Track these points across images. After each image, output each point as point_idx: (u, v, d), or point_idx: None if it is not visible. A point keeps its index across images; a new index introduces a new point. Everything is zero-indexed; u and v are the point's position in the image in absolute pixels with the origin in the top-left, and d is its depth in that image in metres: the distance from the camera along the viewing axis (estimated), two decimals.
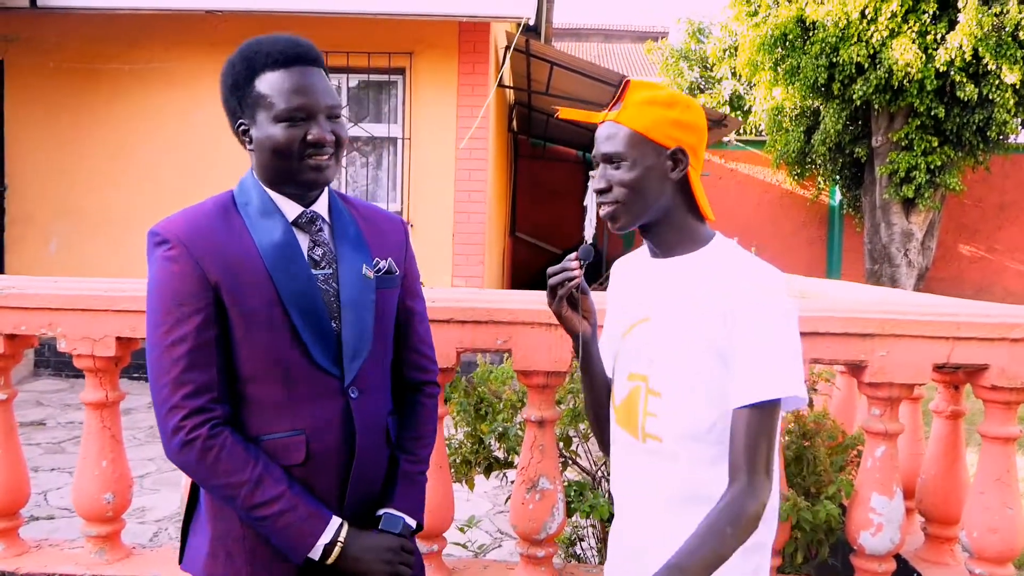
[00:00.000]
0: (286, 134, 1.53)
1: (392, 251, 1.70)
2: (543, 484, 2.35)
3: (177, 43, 8.06)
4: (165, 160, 8.11)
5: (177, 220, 1.55)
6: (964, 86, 10.86)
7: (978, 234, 14.95)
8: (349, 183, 8.32)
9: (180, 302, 1.50)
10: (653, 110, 1.53)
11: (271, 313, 1.52)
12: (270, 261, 1.53)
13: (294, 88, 1.52)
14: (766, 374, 1.44)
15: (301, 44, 1.57)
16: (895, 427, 2.32)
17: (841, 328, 2.21)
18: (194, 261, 1.50)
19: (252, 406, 1.55)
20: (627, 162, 1.53)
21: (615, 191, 1.55)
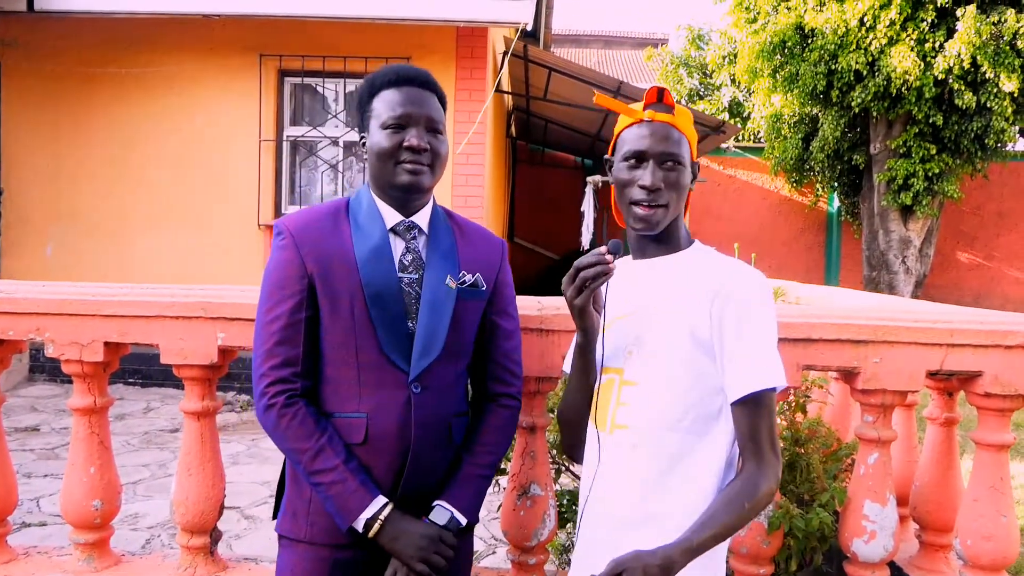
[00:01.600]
0: (387, 139, 1.75)
1: (483, 268, 1.86)
2: (534, 491, 2.33)
3: (176, 47, 8.08)
4: (164, 164, 8.12)
5: (294, 216, 1.79)
6: (962, 94, 10.87)
7: (976, 241, 14.95)
8: (346, 187, 8.34)
9: (281, 286, 1.73)
10: (690, 124, 1.66)
11: (353, 304, 1.71)
12: (361, 259, 1.73)
13: (399, 101, 1.75)
14: (760, 366, 1.52)
15: (414, 70, 1.80)
16: (888, 434, 2.30)
17: (834, 335, 2.20)
18: (297, 251, 1.72)
19: (329, 385, 1.74)
20: (682, 166, 1.62)
21: (666, 193, 1.61)
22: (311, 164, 8.37)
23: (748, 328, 1.53)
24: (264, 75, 8.05)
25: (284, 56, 8.00)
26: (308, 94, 8.37)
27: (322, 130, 8.21)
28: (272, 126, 8.16)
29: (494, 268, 1.88)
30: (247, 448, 5.91)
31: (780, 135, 13.84)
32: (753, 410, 1.54)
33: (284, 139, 8.23)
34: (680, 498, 1.54)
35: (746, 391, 1.52)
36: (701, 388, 1.57)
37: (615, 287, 1.70)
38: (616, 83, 9.50)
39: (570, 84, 9.84)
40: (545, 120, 12.69)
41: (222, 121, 8.12)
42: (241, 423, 6.79)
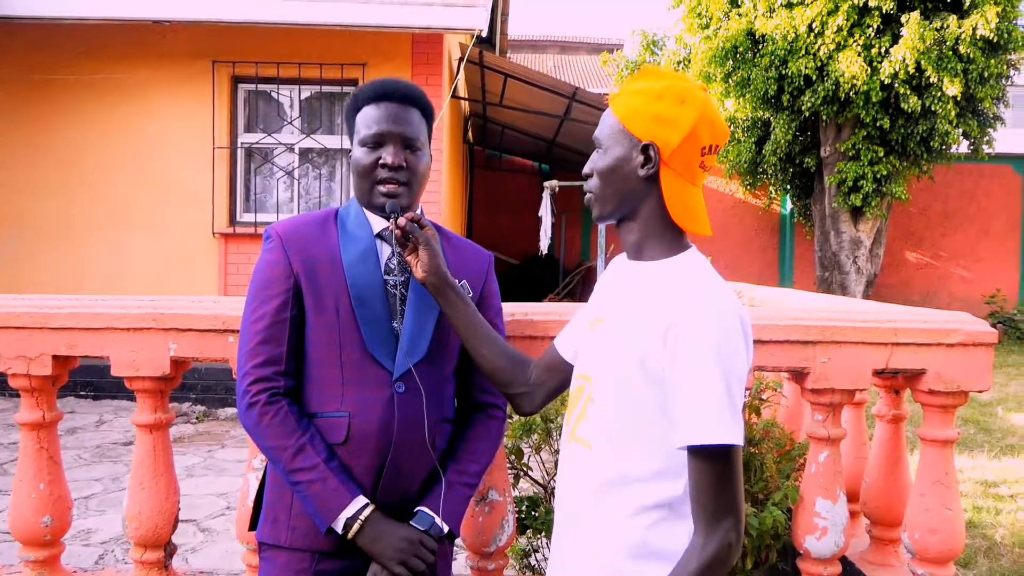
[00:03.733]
0: (364, 156, 1.79)
1: (470, 276, 1.89)
2: (492, 496, 2.34)
3: (126, 54, 7.95)
4: (115, 173, 7.99)
5: (284, 221, 1.83)
6: (908, 98, 11.13)
7: (924, 241, 15.33)
8: (302, 195, 8.28)
9: (267, 286, 1.76)
10: (637, 99, 1.50)
11: (338, 303, 1.74)
12: (348, 261, 1.77)
13: (375, 118, 1.78)
14: (707, 417, 1.36)
15: (396, 85, 1.82)
16: (838, 432, 2.34)
17: (784, 336, 2.23)
18: (284, 253, 1.76)
19: (313, 385, 1.76)
20: (602, 149, 1.53)
21: (593, 178, 1.55)
22: (266, 171, 8.29)
23: (695, 371, 1.38)
24: (217, 81, 7.96)
25: (237, 62, 7.92)
26: (263, 100, 8.30)
27: (277, 137, 8.15)
28: (226, 133, 8.07)
29: (481, 278, 1.92)
30: (203, 460, 5.82)
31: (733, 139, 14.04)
32: (699, 465, 1.38)
33: (238, 146, 8.16)
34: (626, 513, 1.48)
35: (686, 442, 1.38)
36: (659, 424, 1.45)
37: (605, 286, 1.66)
38: (572, 88, 9.56)
39: (526, 90, 9.88)
40: (502, 126, 12.72)
41: (174, 128, 8.01)
42: (197, 435, 6.69)
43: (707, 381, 1.36)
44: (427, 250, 1.74)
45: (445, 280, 1.76)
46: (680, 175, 1.49)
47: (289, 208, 8.29)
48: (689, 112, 1.47)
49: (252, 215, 8.15)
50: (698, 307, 1.40)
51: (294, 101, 8.21)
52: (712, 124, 1.48)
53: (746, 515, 2.38)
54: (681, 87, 1.49)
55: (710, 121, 1.48)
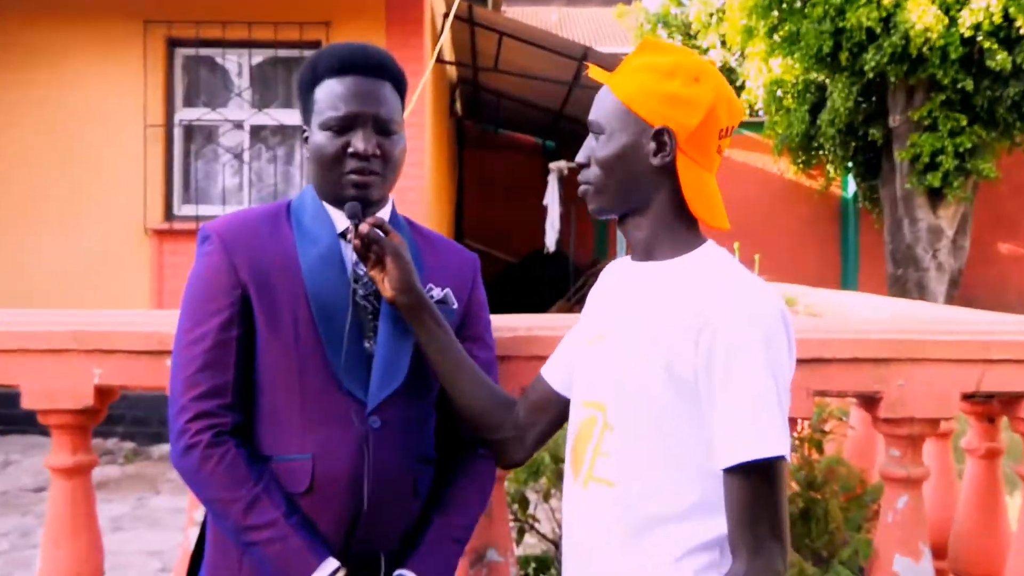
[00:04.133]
0: (328, 143, 1.79)
1: (453, 283, 1.91)
2: (491, 556, 2.32)
3: (39, 13, 7.98)
4: (25, 156, 8.00)
5: (223, 218, 1.84)
6: (994, 54, 11.11)
7: (1019, 229, 15.29)
8: (254, 182, 8.31)
9: (207, 299, 1.75)
10: (645, 77, 1.58)
11: (297, 318, 1.75)
12: (307, 266, 1.78)
13: (341, 95, 1.79)
14: (750, 428, 1.44)
15: (364, 52, 1.83)
16: (919, 471, 2.32)
17: (850, 353, 2.21)
18: (227, 256, 1.75)
19: (267, 420, 1.76)
20: (605, 135, 1.59)
21: (591, 167, 1.62)
22: (210, 154, 8.31)
23: (738, 376, 1.45)
24: (149, 46, 7.98)
25: (174, 23, 7.94)
26: (205, 68, 8.31)
27: (223, 112, 8.17)
28: (160, 108, 8.09)
29: (465, 285, 1.95)
30: (132, 509, 5.81)
31: (782, 107, 14.03)
32: (742, 483, 1.45)
33: (176, 124, 8.19)
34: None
35: (731, 460, 1.45)
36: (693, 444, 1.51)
37: (605, 295, 1.71)
38: (581, 49, 9.59)
39: (525, 51, 9.90)
40: (498, 94, 12.75)
41: (97, 103, 8.03)
42: (125, 478, 6.68)
43: (753, 386, 1.44)
44: (396, 263, 1.76)
45: (419, 300, 1.78)
46: (697, 162, 1.57)
47: (238, 199, 8.31)
48: (705, 91, 1.56)
49: (193, 207, 8.16)
50: (734, 304, 1.48)
51: (243, 68, 8.20)
52: (729, 103, 1.58)
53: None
54: (693, 63, 1.58)
55: (727, 100, 1.58)
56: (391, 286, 1.75)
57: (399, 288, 1.75)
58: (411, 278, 1.76)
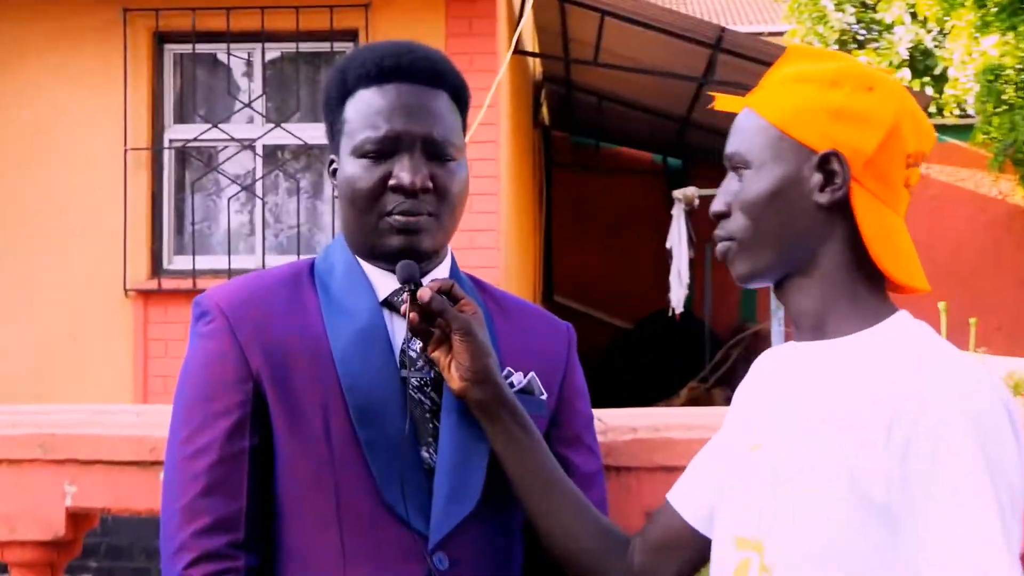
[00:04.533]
0: (362, 175, 1.82)
1: (539, 366, 1.94)
2: None
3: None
4: None
5: (226, 287, 1.88)
6: None
7: None
8: (270, 223, 8.44)
9: (208, 396, 1.78)
10: (801, 90, 1.59)
11: (329, 422, 1.77)
12: (341, 349, 1.80)
13: (381, 110, 1.83)
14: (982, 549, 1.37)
15: (410, 53, 1.87)
16: None
17: None
18: (234, 339, 1.79)
19: (291, 560, 1.78)
20: (751, 170, 1.61)
21: (733, 216, 1.63)
22: (210, 186, 8.47)
23: (952, 484, 1.40)
24: (132, 41, 8.16)
25: (163, 10, 8.09)
26: (204, 69, 8.50)
27: (227, 129, 8.29)
28: (145, 125, 8.27)
29: (557, 367, 1.98)
30: None
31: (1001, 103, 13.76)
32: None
33: (165, 146, 8.35)
34: None
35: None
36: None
37: (758, 388, 1.72)
38: (715, 30, 9.59)
39: (636, 35, 9.92)
40: (598, 95, 12.83)
41: (61, 120, 8.21)
42: None
43: (967, 497, 1.39)
44: (467, 342, 1.77)
45: (496, 392, 1.79)
46: (878, 196, 1.57)
47: (248, 245, 8.44)
48: (884, 102, 1.57)
49: (187, 259, 8.26)
50: (937, 392, 1.43)
51: (254, 69, 8.36)
52: (916, 120, 1.58)
53: None
54: (862, 70, 1.61)
55: (912, 115, 1.58)
56: (461, 374, 1.76)
57: (473, 377, 1.76)
58: (486, 362, 1.78)
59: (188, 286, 8.05)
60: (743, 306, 15.14)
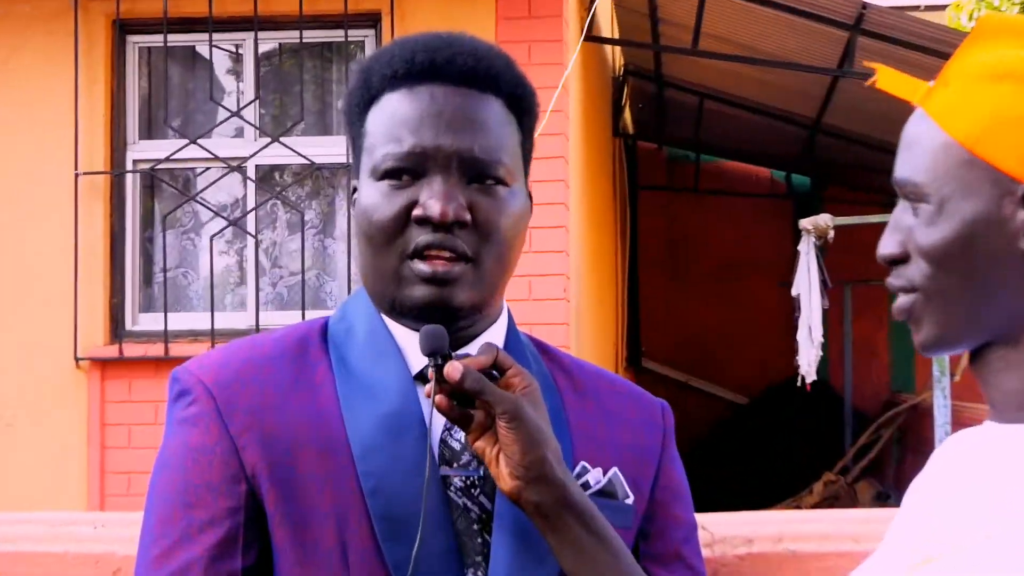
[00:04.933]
0: (381, 203, 1.84)
1: (626, 459, 1.95)
2: None
3: None
4: None
5: (212, 357, 1.91)
6: None
7: None
8: (264, 268, 8.57)
9: (190, 502, 1.79)
10: (1000, 92, 1.50)
11: (345, 534, 1.78)
12: (362, 440, 1.81)
13: (405, 119, 1.85)
14: None
15: (448, 47, 1.90)
16: None
17: None
18: (223, 427, 1.80)
19: None
20: (931, 204, 1.55)
21: (912, 263, 1.59)
22: (187, 220, 8.66)
23: None
24: (84, 33, 8.38)
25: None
26: (179, 67, 8.75)
27: (209, 145, 8.44)
28: (102, 141, 8.48)
29: (648, 461, 2.00)
30: None
31: None
32: None
33: (129, 168, 8.54)
34: None
35: None
36: None
37: (935, 485, 1.67)
38: (855, 5, 9.64)
39: (749, 14, 10.08)
40: (698, 94, 12.95)
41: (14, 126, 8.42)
42: None
43: None
44: (516, 429, 1.73)
45: (561, 495, 1.76)
46: None
47: (237, 297, 8.61)
48: None
49: (158, 316, 8.40)
50: None
51: (245, 66, 8.57)
52: None
53: None
54: None
55: None
56: (512, 470, 1.73)
57: (526, 474, 1.73)
58: (544, 454, 1.74)
59: (158, 353, 8.22)
60: (895, 372, 15.02)
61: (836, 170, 15.04)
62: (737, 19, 10.24)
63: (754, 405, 14.37)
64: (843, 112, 11.98)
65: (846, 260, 12.12)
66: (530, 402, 1.75)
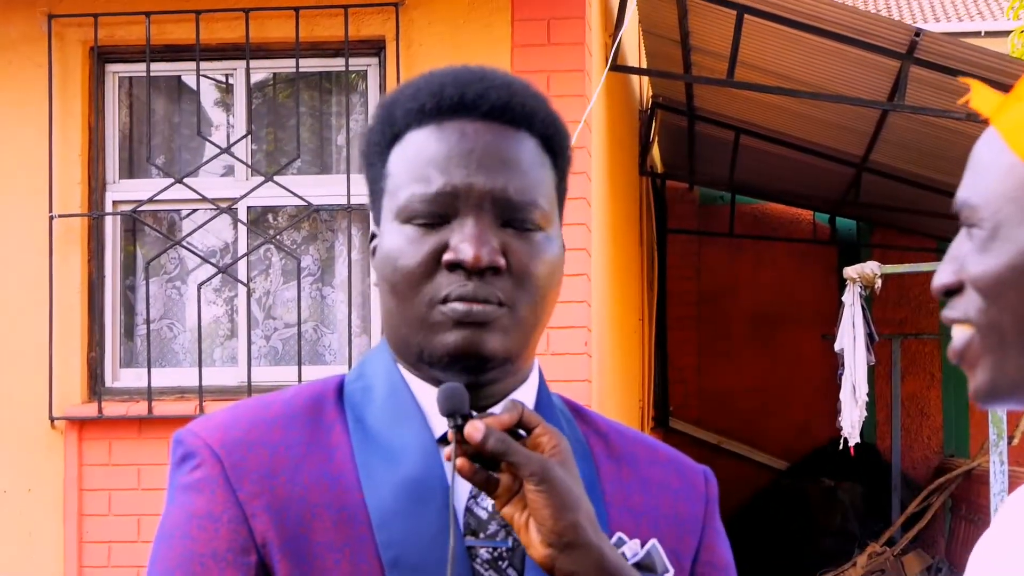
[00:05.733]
0: (404, 247, 1.83)
1: (665, 530, 1.94)
2: None
3: None
4: None
5: (218, 418, 1.90)
6: None
7: None
8: (257, 320, 8.42)
9: (195, 572, 1.78)
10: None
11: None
12: (381, 507, 1.81)
13: (433, 158, 1.83)
14: None
15: (479, 81, 1.88)
16: None
17: None
18: (231, 493, 1.79)
19: None
20: (983, 230, 1.54)
21: (967, 295, 1.56)
22: (173, 267, 8.49)
23: None
24: (60, 61, 8.22)
25: (104, 15, 8.15)
26: (163, 99, 8.56)
27: (196, 185, 8.30)
28: (79, 181, 8.30)
29: (690, 532, 1.99)
30: None
31: None
32: None
33: (108, 210, 8.38)
34: None
35: None
36: None
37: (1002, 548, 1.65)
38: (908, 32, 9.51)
39: (790, 42, 9.91)
40: (734, 129, 12.94)
41: None
42: None
43: None
44: (544, 494, 1.70)
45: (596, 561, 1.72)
46: None
47: (227, 351, 8.44)
48: None
49: (141, 372, 8.27)
50: None
51: (235, 98, 8.40)
52: None
53: None
54: None
55: None
56: (543, 537, 1.69)
57: (558, 540, 1.69)
58: (577, 519, 1.70)
59: (141, 412, 8.10)
60: (947, 434, 15.20)
61: (885, 213, 15.12)
62: (777, 47, 10.25)
63: (794, 470, 14.43)
64: (893, 150, 12.05)
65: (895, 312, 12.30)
66: (560, 463, 1.73)
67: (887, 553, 12.65)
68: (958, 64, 9.73)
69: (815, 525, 13.64)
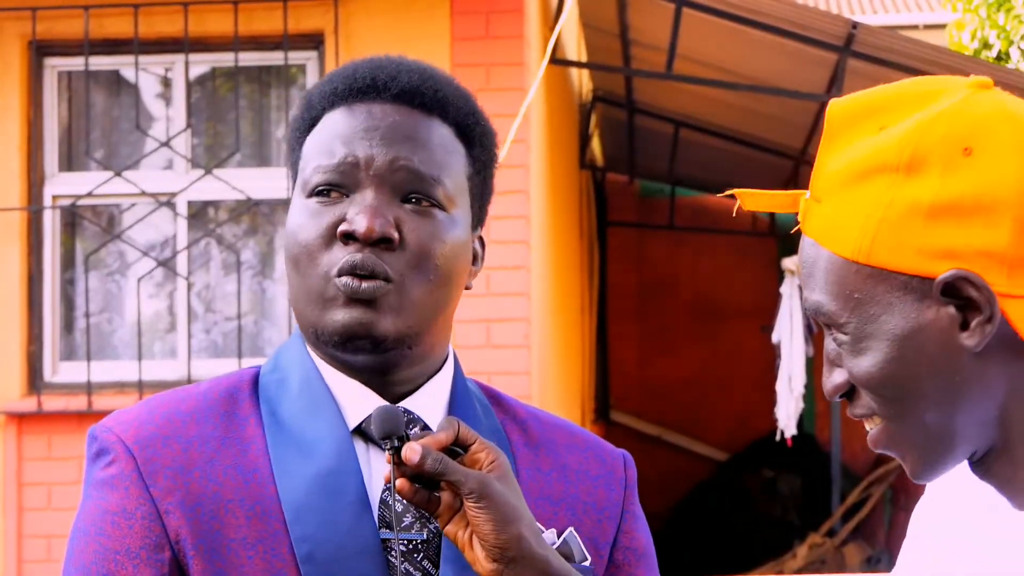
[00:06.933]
0: (304, 221, 1.84)
1: (582, 517, 1.94)
2: None
3: None
4: None
5: (133, 413, 1.86)
6: None
7: None
8: (197, 313, 8.49)
9: (109, 570, 1.74)
10: (869, 194, 1.52)
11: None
12: (294, 501, 1.79)
13: (340, 133, 1.85)
14: None
15: (394, 66, 1.91)
16: None
17: None
18: (144, 490, 1.77)
19: None
20: (846, 334, 1.57)
21: (863, 394, 1.58)
22: (112, 261, 8.57)
23: None
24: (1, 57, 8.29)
25: (43, 10, 8.19)
26: (103, 93, 8.66)
27: (135, 178, 8.39)
28: (18, 175, 8.35)
29: (608, 519, 1.98)
30: None
31: None
32: None
33: (47, 204, 8.44)
34: None
35: None
36: None
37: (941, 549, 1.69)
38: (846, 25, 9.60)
39: (728, 35, 10.03)
40: (674, 122, 12.95)
41: None
42: None
43: None
44: (485, 510, 1.70)
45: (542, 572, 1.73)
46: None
47: (167, 345, 8.51)
48: (996, 163, 1.49)
49: (81, 366, 8.30)
50: None
51: (175, 92, 8.47)
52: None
53: None
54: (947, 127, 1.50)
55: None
56: (487, 553, 1.70)
57: (503, 555, 1.70)
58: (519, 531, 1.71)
59: (81, 406, 8.14)
60: None
61: None
62: (716, 40, 10.27)
63: (735, 462, 14.42)
64: None
65: None
66: (498, 477, 1.72)
67: (827, 544, 12.66)
68: (895, 56, 9.83)
69: (756, 516, 13.67)
